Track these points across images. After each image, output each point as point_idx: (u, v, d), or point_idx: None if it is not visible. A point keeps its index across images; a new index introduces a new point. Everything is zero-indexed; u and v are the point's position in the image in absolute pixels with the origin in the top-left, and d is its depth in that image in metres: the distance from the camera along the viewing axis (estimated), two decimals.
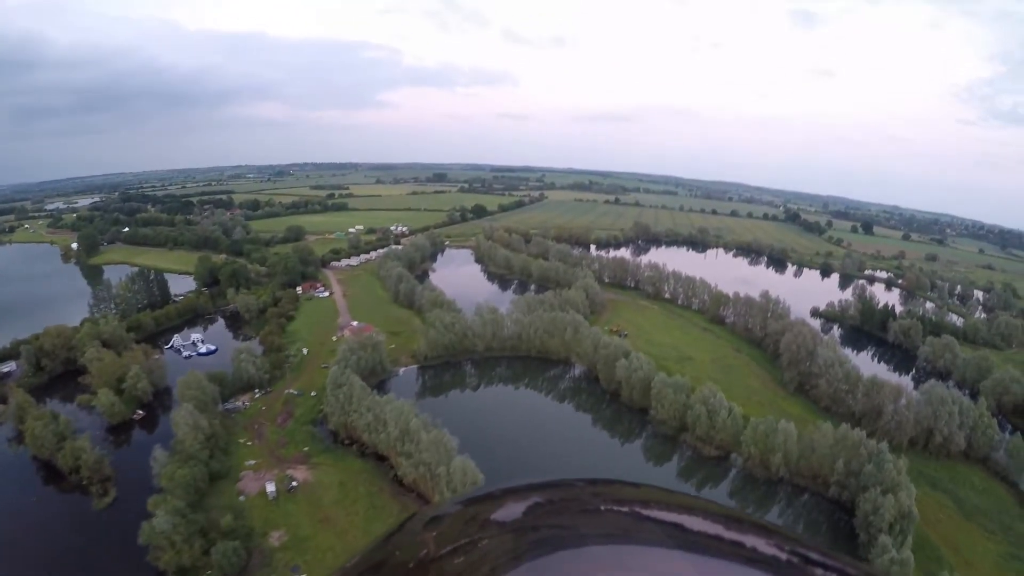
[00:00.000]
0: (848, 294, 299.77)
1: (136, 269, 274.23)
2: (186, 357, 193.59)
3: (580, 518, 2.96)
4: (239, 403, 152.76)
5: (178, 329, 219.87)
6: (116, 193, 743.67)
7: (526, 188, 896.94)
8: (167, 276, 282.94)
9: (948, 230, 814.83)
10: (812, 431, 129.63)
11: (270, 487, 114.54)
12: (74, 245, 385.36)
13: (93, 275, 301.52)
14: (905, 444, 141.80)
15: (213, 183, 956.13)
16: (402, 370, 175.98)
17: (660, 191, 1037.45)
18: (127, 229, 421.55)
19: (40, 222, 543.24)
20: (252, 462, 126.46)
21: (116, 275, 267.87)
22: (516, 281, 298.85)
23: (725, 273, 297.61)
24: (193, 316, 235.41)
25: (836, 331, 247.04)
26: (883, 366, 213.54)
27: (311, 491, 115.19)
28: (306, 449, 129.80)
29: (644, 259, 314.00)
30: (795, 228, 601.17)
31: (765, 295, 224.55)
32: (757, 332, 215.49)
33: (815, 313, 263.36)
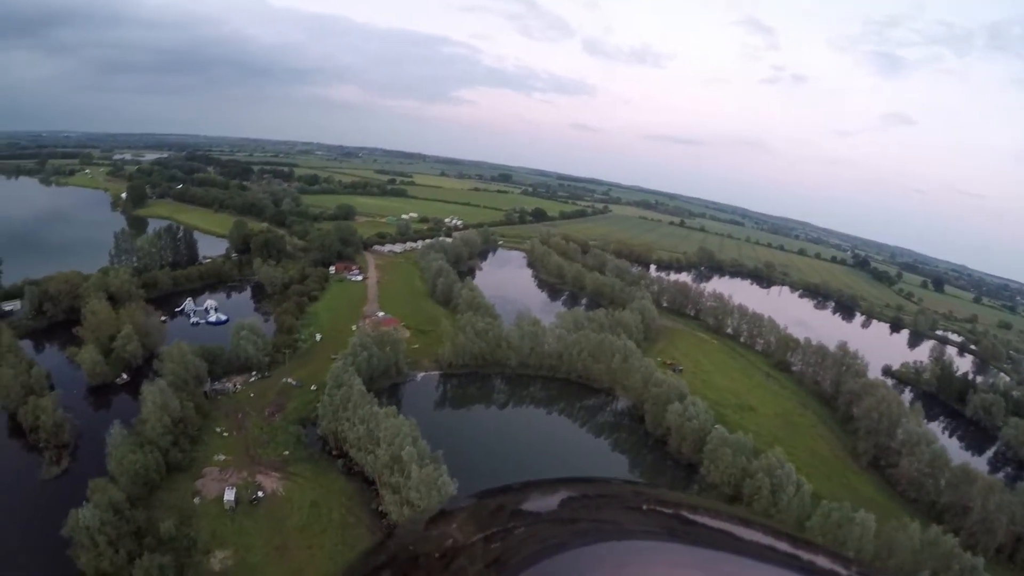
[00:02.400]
0: (919, 353, 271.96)
1: (171, 224, 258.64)
2: (193, 324, 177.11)
3: (622, 514, 2.66)
4: (230, 385, 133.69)
5: (198, 293, 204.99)
6: (184, 152, 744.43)
7: (590, 199, 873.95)
8: (205, 237, 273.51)
9: (1019, 297, 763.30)
10: (895, 529, 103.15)
11: (229, 494, 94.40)
12: (124, 195, 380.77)
13: (136, 226, 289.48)
14: (992, 551, 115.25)
15: (280, 155, 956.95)
16: (421, 375, 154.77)
17: (726, 219, 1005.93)
18: (180, 186, 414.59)
19: (101, 169, 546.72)
20: (221, 457, 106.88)
21: (157, 228, 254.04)
22: (567, 292, 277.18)
23: (787, 313, 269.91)
24: (216, 281, 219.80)
25: (908, 395, 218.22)
26: (955, 442, 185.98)
27: (277, 507, 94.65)
28: (286, 453, 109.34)
29: (707, 287, 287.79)
30: (864, 275, 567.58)
31: (843, 347, 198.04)
32: (827, 388, 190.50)
33: (887, 372, 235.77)
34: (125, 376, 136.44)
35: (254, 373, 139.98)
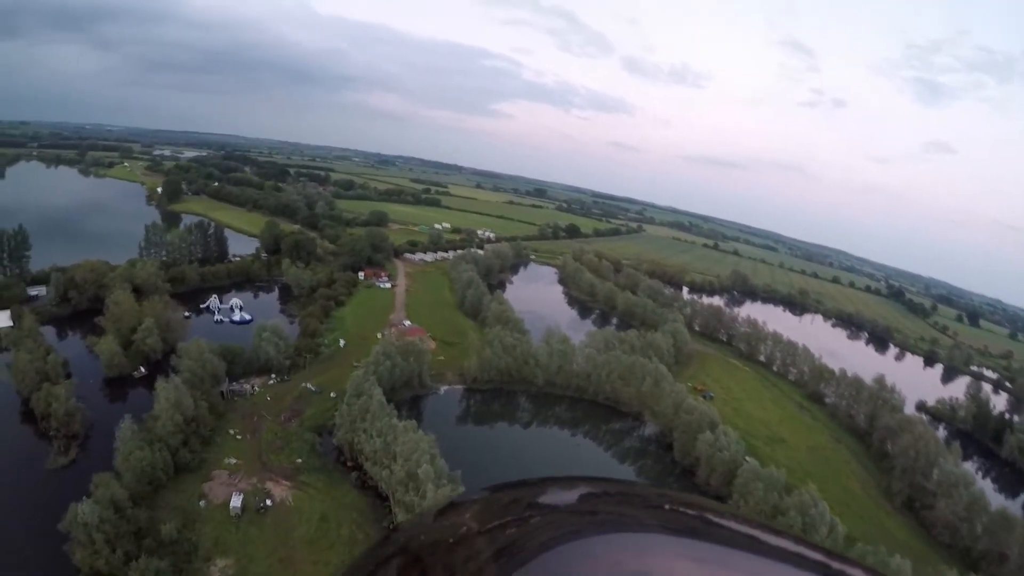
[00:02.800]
0: (952, 389, 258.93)
1: (202, 220, 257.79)
2: (217, 322, 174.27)
3: (643, 512, 2.65)
4: (247, 386, 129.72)
5: (225, 290, 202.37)
6: (222, 152, 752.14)
7: (624, 218, 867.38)
8: (236, 235, 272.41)
9: None
10: None
11: (236, 500, 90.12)
12: (159, 189, 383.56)
13: (170, 220, 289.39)
14: None
15: (318, 159, 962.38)
16: (444, 388, 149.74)
17: (760, 244, 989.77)
18: (216, 184, 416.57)
19: (140, 163, 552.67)
20: (232, 461, 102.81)
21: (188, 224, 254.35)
22: (598, 311, 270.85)
23: (820, 342, 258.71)
24: (243, 280, 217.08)
25: (942, 432, 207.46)
26: (988, 483, 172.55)
27: (284, 517, 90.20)
28: (299, 461, 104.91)
29: (741, 312, 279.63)
30: (898, 307, 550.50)
31: (879, 380, 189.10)
32: (861, 422, 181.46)
33: (921, 408, 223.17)
34: (143, 370, 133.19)
35: (273, 376, 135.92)
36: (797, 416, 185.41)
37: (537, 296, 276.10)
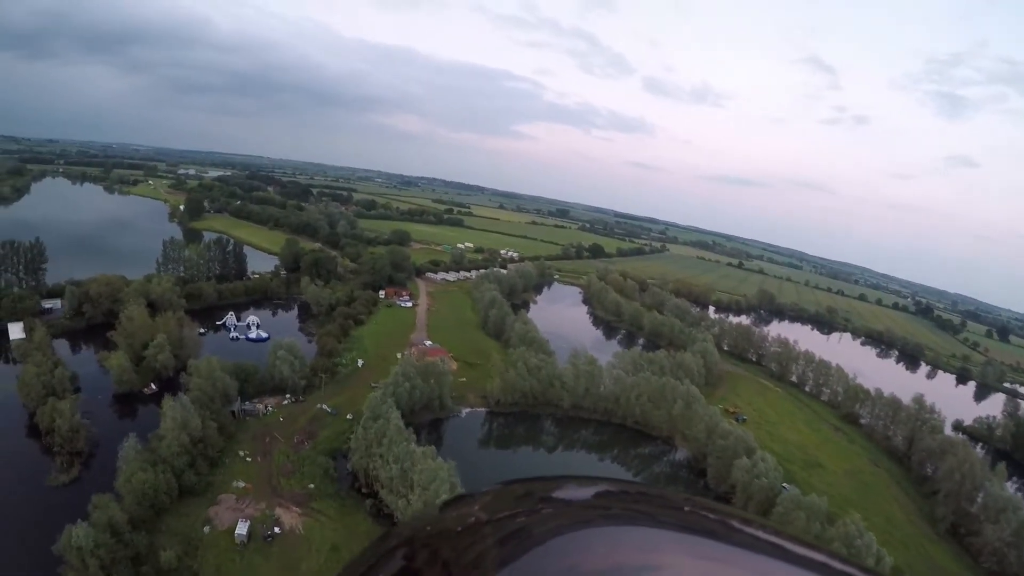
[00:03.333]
0: (986, 407, 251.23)
1: (221, 237, 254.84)
2: (232, 339, 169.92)
3: (660, 511, 2.71)
4: (260, 406, 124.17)
5: (243, 307, 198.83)
6: (246, 172, 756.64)
7: (647, 237, 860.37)
8: (256, 253, 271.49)
9: None
10: None
11: (242, 527, 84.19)
12: (181, 207, 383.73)
13: (191, 237, 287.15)
14: None
15: (341, 180, 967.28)
16: (466, 411, 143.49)
17: (783, 262, 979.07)
18: (239, 202, 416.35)
19: (164, 182, 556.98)
20: (241, 484, 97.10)
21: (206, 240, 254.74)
22: (624, 331, 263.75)
23: (850, 361, 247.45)
24: (261, 297, 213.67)
25: (979, 452, 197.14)
26: None
27: (292, 547, 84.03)
28: (311, 487, 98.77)
29: (769, 331, 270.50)
30: (927, 323, 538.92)
31: (918, 400, 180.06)
32: (899, 444, 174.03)
33: (958, 427, 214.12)
34: (154, 387, 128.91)
35: (288, 396, 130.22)
36: (833, 439, 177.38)
37: (561, 316, 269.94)
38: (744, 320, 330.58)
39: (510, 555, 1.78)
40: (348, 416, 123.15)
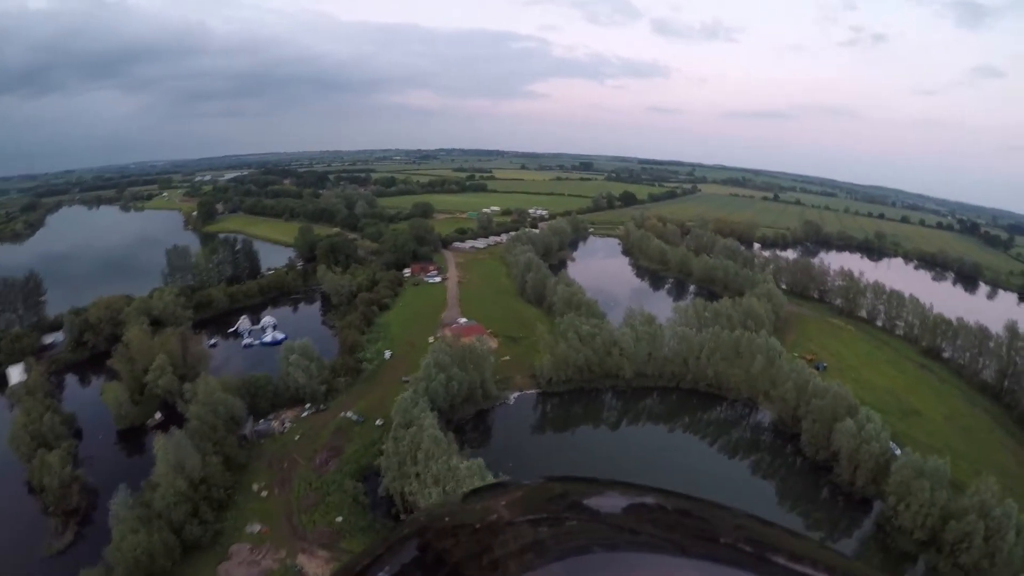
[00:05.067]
0: None
1: (228, 236, 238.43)
2: (246, 346, 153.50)
3: (696, 540, 2.51)
4: (276, 423, 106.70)
5: (259, 308, 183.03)
6: (263, 170, 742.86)
7: (676, 180, 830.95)
8: (275, 248, 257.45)
9: None
10: None
11: None
12: (194, 213, 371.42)
13: (207, 242, 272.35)
14: None
15: (359, 163, 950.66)
16: (515, 395, 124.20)
17: (817, 191, 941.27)
18: (252, 199, 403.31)
19: (179, 191, 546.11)
20: (256, 528, 79.83)
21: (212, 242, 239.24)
22: (671, 280, 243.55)
23: (906, 287, 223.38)
24: (278, 294, 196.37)
25: None
26: None
27: None
28: (339, 520, 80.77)
29: (828, 263, 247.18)
30: (975, 241, 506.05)
31: (1011, 328, 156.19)
32: (991, 380, 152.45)
33: None
34: (159, 416, 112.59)
35: (307, 406, 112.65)
36: (921, 378, 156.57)
37: (602, 271, 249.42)
38: (791, 254, 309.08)
39: (515, 570, 1.80)
40: (378, 422, 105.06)
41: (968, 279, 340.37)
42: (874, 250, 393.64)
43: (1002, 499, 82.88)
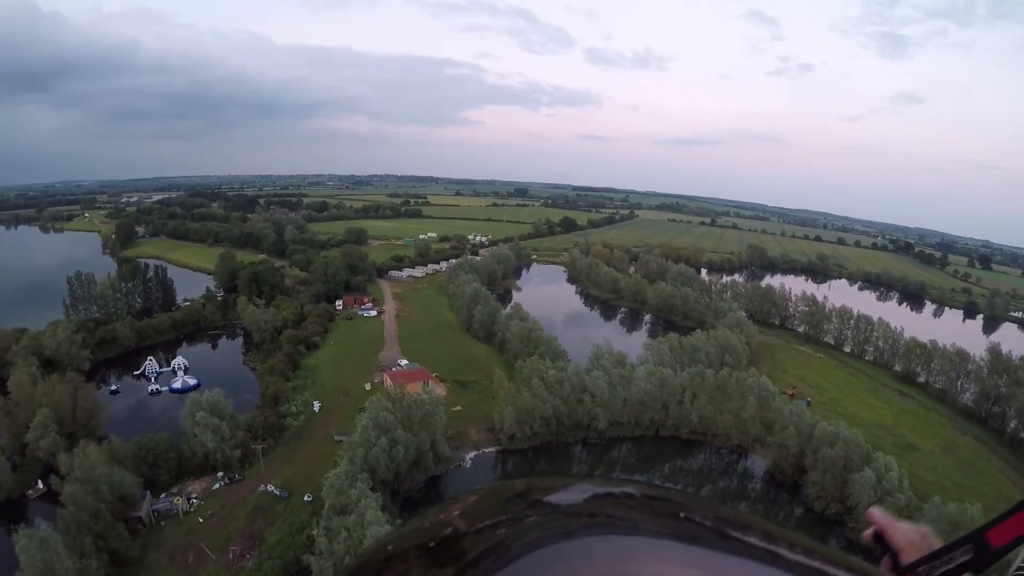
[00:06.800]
0: (1004, 339, 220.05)
1: (138, 262, 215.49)
2: (152, 393, 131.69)
3: (649, 517, 2.55)
4: (179, 501, 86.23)
5: (174, 345, 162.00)
6: (192, 192, 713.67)
7: (611, 206, 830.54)
8: (193, 276, 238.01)
9: None
10: None
11: None
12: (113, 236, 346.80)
13: (124, 267, 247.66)
14: None
15: (291, 187, 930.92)
16: (471, 456, 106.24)
17: (750, 216, 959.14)
18: (175, 222, 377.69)
19: (101, 212, 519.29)
20: None
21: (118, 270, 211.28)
22: (624, 309, 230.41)
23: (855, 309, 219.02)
24: (194, 330, 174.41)
25: None
26: None
27: None
28: None
29: (790, 287, 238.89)
30: (910, 260, 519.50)
31: (993, 350, 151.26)
32: (973, 404, 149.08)
33: None
34: (41, 485, 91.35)
35: (219, 475, 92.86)
36: (907, 408, 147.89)
37: (549, 300, 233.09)
38: (738, 278, 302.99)
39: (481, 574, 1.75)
40: (306, 497, 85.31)
41: (913, 298, 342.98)
42: (818, 272, 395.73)
43: None
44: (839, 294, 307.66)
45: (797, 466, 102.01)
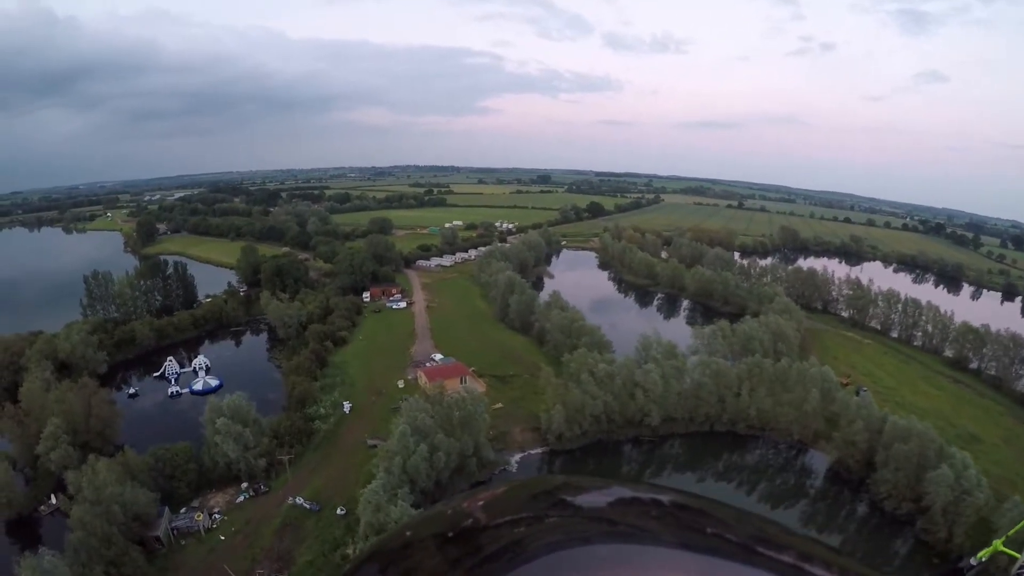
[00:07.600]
0: None
1: (157, 259, 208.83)
2: (172, 395, 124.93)
3: (667, 527, 2.57)
4: (201, 516, 78.26)
5: (194, 344, 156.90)
6: (214, 189, 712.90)
7: (635, 192, 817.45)
8: (215, 271, 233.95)
9: None
10: None
11: None
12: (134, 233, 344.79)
13: (143, 265, 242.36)
14: None
15: (312, 181, 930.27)
16: (517, 458, 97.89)
17: (775, 198, 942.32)
18: (197, 218, 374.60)
19: (123, 211, 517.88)
20: None
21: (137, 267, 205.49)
22: (660, 295, 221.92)
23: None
24: (216, 327, 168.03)
25: None
26: None
27: None
28: None
29: (833, 271, 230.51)
30: (943, 242, 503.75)
31: None
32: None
33: None
34: (54, 500, 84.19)
35: (243, 486, 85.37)
36: (963, 396, 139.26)
37: (581, 287, 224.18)
38: (770, 261, 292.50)
39: (491, 573, 2.37)
40: (339, 511, 77.35)
41: (950, 280, 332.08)
42: (852, 254, 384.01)
43: None
44: (874, 276, 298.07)
45: (864, 463, 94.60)
